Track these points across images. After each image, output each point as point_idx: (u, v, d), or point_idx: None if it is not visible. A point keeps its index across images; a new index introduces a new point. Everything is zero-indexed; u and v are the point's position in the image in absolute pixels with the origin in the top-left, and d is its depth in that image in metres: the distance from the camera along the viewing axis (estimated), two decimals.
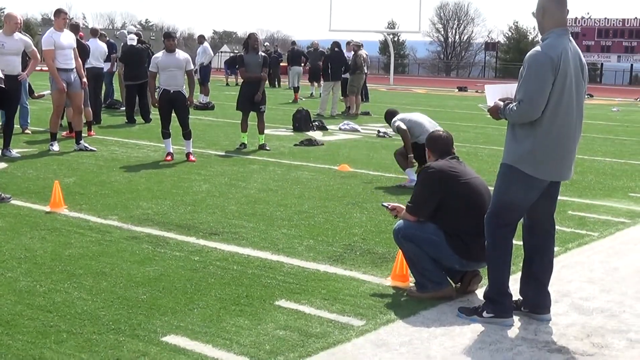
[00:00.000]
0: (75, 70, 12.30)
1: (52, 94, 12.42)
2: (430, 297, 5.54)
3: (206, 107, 21.52)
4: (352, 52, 22.25)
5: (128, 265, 6.12)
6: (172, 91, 11.70)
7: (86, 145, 12.50)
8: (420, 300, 5.53)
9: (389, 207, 5.93)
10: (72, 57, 12.25)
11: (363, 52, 22.37)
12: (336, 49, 21.97)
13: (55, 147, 12.35)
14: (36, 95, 14.47)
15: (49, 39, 12.08)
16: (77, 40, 13.80)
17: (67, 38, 12.24)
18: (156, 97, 12.01)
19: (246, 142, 13.42)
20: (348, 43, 24.25)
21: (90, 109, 14.54)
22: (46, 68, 12.45)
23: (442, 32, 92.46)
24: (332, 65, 21.40)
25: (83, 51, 14.32)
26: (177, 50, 11.96)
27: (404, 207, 5.78)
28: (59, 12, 12.33)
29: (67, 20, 12.67)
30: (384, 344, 4.74)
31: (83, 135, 13.02)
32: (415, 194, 5.65)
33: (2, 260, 6.13)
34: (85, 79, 12.61)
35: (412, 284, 5.79)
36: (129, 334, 4.69)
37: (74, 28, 14.53)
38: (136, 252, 6.54)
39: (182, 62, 11.81)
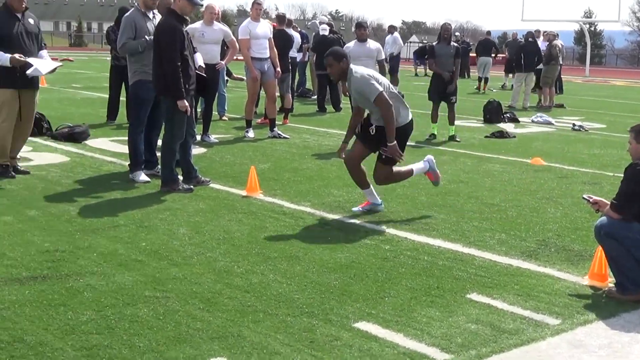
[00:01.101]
0: (269, 59, 12.66)
1: (247, 82, 12.87)
2: (632, 299, 5.26)
3: None
4: (547, 42, 21.56)
5: (320, 251, 6.23)
6: None
7: (279, 132, 12.87)
8: (621, 301, 5.26)
9: (591, 200, 5.67)
10: (267, 46, 12.61)
11: (558, 42, 21.61)
12: (530, 39, 21.35)
13: (251, 133, 12.79)
14: (235, 76, 15.03)
15: (244, 28, 12.52)
16: (282, 31, 14.29)
17: (263, 28, 12.62)
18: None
19: (436, 133, 13.33)
20: (543, 33, 23.47)
21: (290, 96, 14.96)
22: (242, 57, 12.91)
23: None
24: (526, 55, 20.80)
25: (288, 41, 14.79)
26: (368, 39, 12.03)
27: (607, 202, 5.52)
28: (254, 3, 12.76)
29: (262, 11, 13.03)
30: (581, 345, 4.55)
31: (278, 122, 13.41)
32: (622, 190, 5.35)
33: (202, 241, 6.43)
34: (279, 68, 12.93)
35: (611, 284, 5.52)
36: (322, 318, 4.78)
37: (281, 19, 15.05)
38: (328, 238, 6.65)
39: (374, 51, 11.88)
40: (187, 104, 8.19)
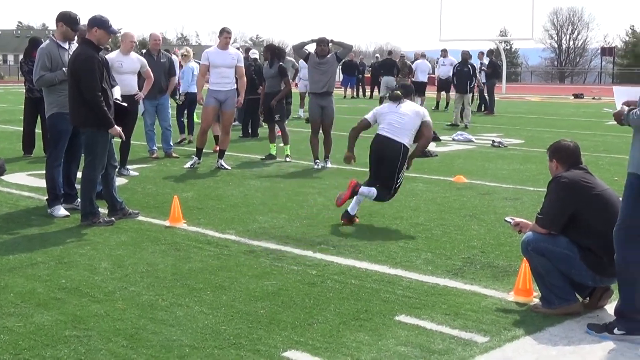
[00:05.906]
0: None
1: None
2: (557, 313, 5.32)
3: None
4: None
5: (246, 280, 6.14)
6: None
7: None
8: (546, 315, 5.32)
9: (513, 222, 5.76)
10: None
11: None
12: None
13: (191, 163, 12.57)
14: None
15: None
16: None
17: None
18: None
19: (274, 153, 13.65)
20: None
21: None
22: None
23: (556, 39, 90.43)
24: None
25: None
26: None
27: (528, 223, 5.60)
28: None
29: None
30: None
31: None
32: (547, 205, 5.43)
33: (125, 275, 6.26)
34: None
35: (536, 299, 5.58)
36: (250, 349, 4.68)
37: None
38: (254, 266, 6.56)
39: None
40: (119, 129, 8.07)
